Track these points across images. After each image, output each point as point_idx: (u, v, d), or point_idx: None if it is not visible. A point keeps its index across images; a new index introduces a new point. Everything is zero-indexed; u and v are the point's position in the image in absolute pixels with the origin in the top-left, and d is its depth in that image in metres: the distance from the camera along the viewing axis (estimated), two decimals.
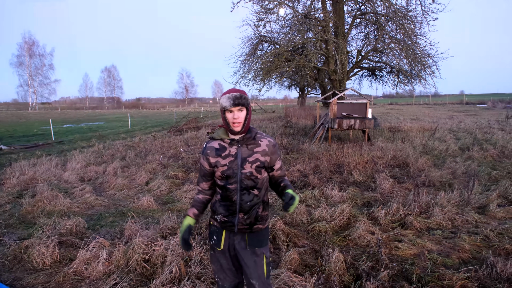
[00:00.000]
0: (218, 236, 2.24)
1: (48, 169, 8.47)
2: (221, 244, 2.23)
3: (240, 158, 2.14)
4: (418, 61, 13.56)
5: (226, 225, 2.21)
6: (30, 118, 38.21)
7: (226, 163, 2.14)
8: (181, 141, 13.21)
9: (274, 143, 2.22)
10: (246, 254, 2.20)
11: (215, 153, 2.17)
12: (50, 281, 3.49)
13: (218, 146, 2.18)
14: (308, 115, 22.77)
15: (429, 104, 48.59)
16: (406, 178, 7.13)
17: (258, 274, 2.21)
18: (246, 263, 2.21)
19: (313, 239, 4.42)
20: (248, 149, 2.15)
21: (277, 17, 14.86)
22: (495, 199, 5.66)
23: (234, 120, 2.07)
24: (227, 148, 2.16)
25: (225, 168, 2.14)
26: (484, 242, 4.20)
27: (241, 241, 2.21)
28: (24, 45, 69.91)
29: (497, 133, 13.62)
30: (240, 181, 2.14)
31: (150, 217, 5.32)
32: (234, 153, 2.15)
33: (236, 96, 2.05)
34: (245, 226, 2.18)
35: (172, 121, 27.98)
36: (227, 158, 2.14)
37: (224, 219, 2.20)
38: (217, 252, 2.28)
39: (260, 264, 2.22)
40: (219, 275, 2.32)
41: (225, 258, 2.27)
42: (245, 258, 2.21)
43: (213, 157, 2.17)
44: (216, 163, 2.17)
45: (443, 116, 25.32)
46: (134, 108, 74.35)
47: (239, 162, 2.13)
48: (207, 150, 2.21)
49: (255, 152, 2.15)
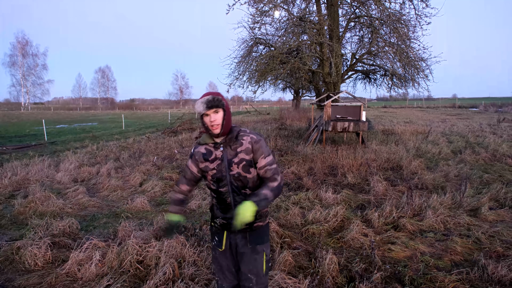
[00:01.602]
0: (219, 237, 2.28)
1: (41, 169, 8.40)
2: (223, 245, 2.26)
3: (226, 160, 2.14)
4: (412, 64, 13.66)
5: (226, 227, 2.24)
6: (22, 118, 37.83)
7: (214, 166, 2.16)
8: (175, 143, 13.18)
9: (257, 139, 2.16)
10: (247, 251, 2.23)
11: (202, 158, 2.19)
12: (42, 282, 3.46)
13: (204, 150, 2.20)
14: (303, 117, 22.84)
15: (422, 107, 48.97)
16: (400, 181, 7.18)
17: (257, 270, 2.25)
18: (246, 260, 2.24)
19: (307, 241, 4.44)
20: (231, 149, 2.15)
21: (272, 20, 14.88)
22: (487, 202, 5.73)
23: (211, 123, 2.07)
24: (213, 152, 2.17)
25: (214, 172, 2.16)
26: (476, 245, 4.25)
27: (242, 239, 2.24)
28: (17, 44, 69.25)
29: (488, 136, 13.78)
30: (230, 183, 2.15)
31: (144, 218, 5.30)
32: (220, 155, 2.15)
33: (209, 99, 2.04)
34: (245, 225, 2.17)
35: (166, 122, 27.89)
36: (215, 161, 2.16)
37: (223, 221, 2.24)
38: (218, 253, 2.32)
39: (260, 261, 2.26)
40: (219, 275, 2.37)
41: (225, 258, 2.30)
42: (245, 255, 2.24)
43: (202, 162, 2.20)
44: (205, 167, 2.19)
45: (436, 119, 25.53)
46: (128, 109, 73.94)
47: (226, 165, 2.14)
48: (195, 155, 2.24)
49: (239, 152, 2.13)
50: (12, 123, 30.77)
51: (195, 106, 2.10)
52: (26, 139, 17.16)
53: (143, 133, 19.19)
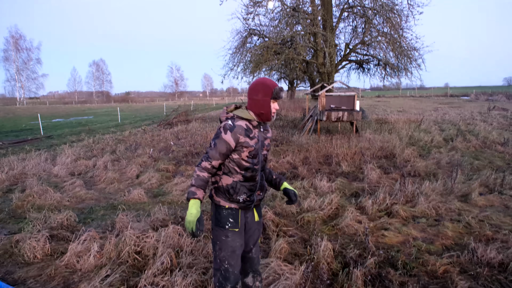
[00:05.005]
0: (234, 217, 2.31)
1: (38, 163, 8.40)
2: (239, 224, 2.32)
3: (260, 141, 2.32)
4: (404, 54, 13.73)
5: (246, 204, 2.32)
6: (18, 113, 37.45)
7: (253, 144, 2.25)
8: (171, 135, 13.18)
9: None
10: (254, 225, 2.44)
11: (244, 133, 2.22)
12: (42, 274, 3.51)
13: (245, 126, 2.25)
14: (298, 108, 22.86)
15: (415, 97, 49.21)
16: (393, 169, 7.28)
17: (257, 239, 2.49)
18: (252, 234, 2.44)
19: (302, 229, 4.52)
20: (263, 133, 2.36)
21: (266, 10, 14.86)
22: (477, 188, 5.85)
23: (274, 110, 2.28)
24: (253, 130, 2.27)
25: (252, 149, 2.25)
26: (466, 229, 4.35)
27: (252, 215, 2.42)
28: (10, 39, 68.40)
29: (479, 124, 13.95)
30: (261, 161, 2.34)
31: (141, 209, 5.35)
32: (257, 135, 2.29)
33: (282, 89, 2.24)
34: (258, 202, 2.41)
35: (162, 114, 27.77)
36: (253, 139, 2.26)
37: (247, 199, 2.31)
38: (231, 235, 2.30)
39: (260, 231, 2.52)
40: (230, 260, 2.33)
41: (240, 238, 2.35)
42: (252, 229, 2.43)
43: (243, 137, 2.22)
44: (244, 143, 2.22)
45: (428, 108, 25.70)
46: (124, 102, 73.36)
47: (260, 145, 2.31)
48: (236, 128, 2.20)
49: (267, 137, 2.41)
50: (8, 118, 30.50)
51: (273, 90, 2.21)
52: (22, 134, 17.06)
53: (139, 125, 19.13)
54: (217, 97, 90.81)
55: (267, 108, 2.23)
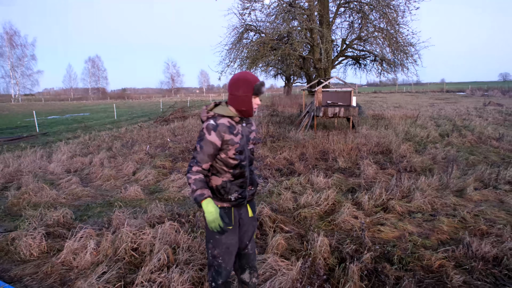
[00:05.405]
0: (228, 215, 2.31)
1: (33, 161, 8.36)
2: (232, 222, 2.32)
3: (245, 136, 2.30)
4: (401, 49, 13.73)
5: (238, 201, 2.31)
6: (13, 110, 37.18)
7: (238, 140, 2.23)
8: (167, 131, 13.15)
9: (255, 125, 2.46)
10: (249, 221, 2.44)
11: (228, 131, 2.20)
12: (38, 271, 3.50)
13: (228, 124, 2.22)
14: (294, 104, 22.88)
15: (411, 92, 49.36)
16: (389, 164, 7.31)
17: (252, 235, 2.50)
18: (247, 230, 2.44)
19: (299, 225, 4.54)
20: (247, 128, 2.34)
21: (262, 6, 14.78)
22: (472, 182, 5.90)
23: (256, 106, 2.26)
24: (236, 127, 2.25)
25: (237, 146, 2.23)
26: (461, 224, 4.39)
27: (246, 211, 2.42)
28: (4, 35, 67.63)
29: (475, 119, 14.04)
30: (248, 157, 2.32)
31: (138, 206, 5.34)
32: (241, 131, 2.28)
33: (264, 84, 2.22)
34: (250, 197, 2.40)
35: (158, 111, 27.70)
36: (238, 135, 2.25)
37: (239, 196, 2.30)
38: (226, 233, 2.27)
39: (255, 226, 2.52)
40: (224, 257, 2.35)
41: (235, 235, 2.36)
42: (246, 225, 2.43)
43: (228, 134, 2.19)
44: (230, 141, 2.19)
45: (424, 103, 25.79)
46: (120, 99, 72.98)
47: (245, 140, 2.30)
48: (219, 127, 2.17)
49: (252, 131, 2.40)
50: (3, 115, 30.27)
51: (254, 86, 2.18)
52: (17, 131, 16.96)
53: (135, 122, 19.07)
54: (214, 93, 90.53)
55: (249, 105, 2.19)
